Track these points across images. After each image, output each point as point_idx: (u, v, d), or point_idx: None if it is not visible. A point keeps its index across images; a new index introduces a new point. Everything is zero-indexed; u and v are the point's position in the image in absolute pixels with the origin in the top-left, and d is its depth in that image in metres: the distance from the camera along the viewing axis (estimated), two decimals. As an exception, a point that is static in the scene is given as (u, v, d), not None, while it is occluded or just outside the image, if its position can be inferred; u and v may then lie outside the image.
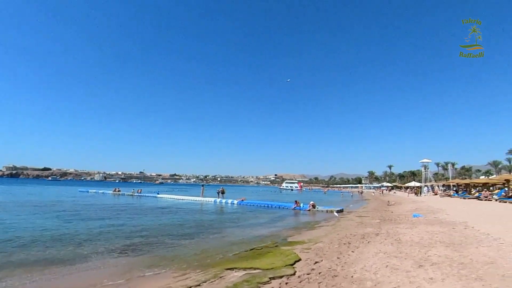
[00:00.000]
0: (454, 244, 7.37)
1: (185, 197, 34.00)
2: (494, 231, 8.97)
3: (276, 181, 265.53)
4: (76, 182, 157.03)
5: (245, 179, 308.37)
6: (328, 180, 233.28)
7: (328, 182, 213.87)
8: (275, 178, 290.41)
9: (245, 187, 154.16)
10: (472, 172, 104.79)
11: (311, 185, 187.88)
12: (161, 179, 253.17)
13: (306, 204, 23.21)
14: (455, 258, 5.88)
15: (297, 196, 46.89)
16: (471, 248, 6.83)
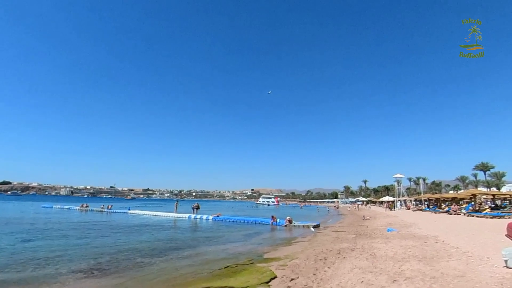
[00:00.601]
0: (426, 258, 7.57)
1: (158, 213, 32.89)
2: (463, 245, 9.34)
3: (253, 195, 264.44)
4: (39, 197, 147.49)
5: (221, 194, 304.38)
6: (305, 194, 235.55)
7: (305, 197, 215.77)
8: (252, 192, 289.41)
9: (221, 202, 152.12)
10: (441, 187, 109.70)
11: (288, 200, 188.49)
12: (133, 194, 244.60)
13: (282, 220, 23.15)
14: (427, 272, 6.02)
15: (274, 211, 46.80)
16: (442, 262, 7.04)
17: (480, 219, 22.82)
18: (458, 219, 22.71)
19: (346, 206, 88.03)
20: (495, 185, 79.21)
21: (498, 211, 25.71)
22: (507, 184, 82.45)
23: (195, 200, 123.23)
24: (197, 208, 30.95)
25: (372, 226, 20.59)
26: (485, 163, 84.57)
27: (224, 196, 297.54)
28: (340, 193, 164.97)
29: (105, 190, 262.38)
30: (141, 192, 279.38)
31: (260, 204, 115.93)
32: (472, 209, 29.06)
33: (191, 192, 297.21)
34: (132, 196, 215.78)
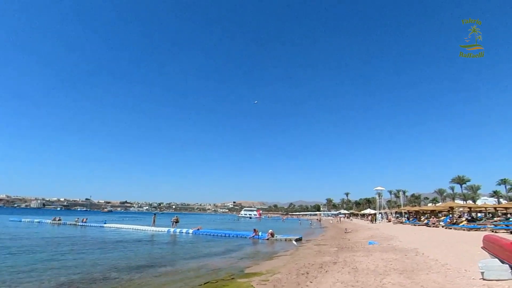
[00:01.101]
0: (406, 271, 7.68)
1: (136, 226, 31.89)
2: (442, 257, 9.56)
3: (235, 208, 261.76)
4: (7, 209, 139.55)
5: (202, 207, 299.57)
6: (288, 207, 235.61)
7: (287, 210, 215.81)
8: (234, 205, 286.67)
9: (202, 215, 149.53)
10: (421, 200, 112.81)
11: (270, 213, 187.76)
12: (110, 207, 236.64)
13: (264, 233, 22.99)
14: (407, 285, 6.09)
15: (256, 224, 46.42)
16: (422, 274, 7.16)
17: (458, 231, 23.51)
18: (437, 232, 23.31)
19: (328, 219, 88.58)
20: (471, 198, 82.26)
21: (474, 223, 26.62)
22: (482, 196, 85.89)
23: (175, 213, 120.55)
24: (176, 221, 30.31)
25: (354, 239, 20.77)
26: (461, 176, 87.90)
27: (205, 209, 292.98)
28: (323, 206, 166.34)
29: (80, 203, 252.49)
30: (118, 205, 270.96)
31: (242, 217, 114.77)
32: (449, 221, 29.92)
33: (171, 204, 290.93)
34: (109, 209, 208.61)
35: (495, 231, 20.66)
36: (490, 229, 22.32)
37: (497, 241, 5.41)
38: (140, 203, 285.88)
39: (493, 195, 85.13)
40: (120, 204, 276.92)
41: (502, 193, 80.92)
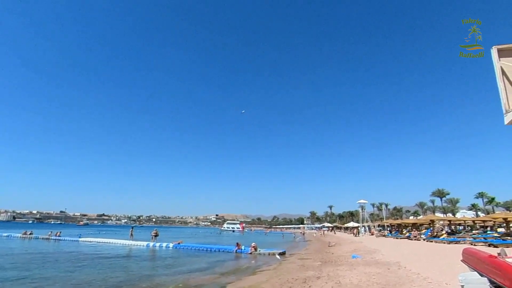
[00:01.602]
0: (389, 285, 7.73)
1: (113, 240, 30.83)
2: (423, 270, 9.71)
3: (217, 221, 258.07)
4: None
5: (183, 220, 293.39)
6: (271, 220, 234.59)
7: (271, 223, 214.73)
8: (216, 218, 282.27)
9: (183, 229, 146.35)
10: (402, 213, 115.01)
11: (253, 226, 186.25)
12: (86, 220, 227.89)
13: (247, 247, 22.72)
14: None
15: (239, 238, 45.91)
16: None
17: (438, 244, 24.07)
18: (418, 245, 23.75)
19: (312, 232, 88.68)
20: (450, 211, 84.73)
21: (454, 236, 27.34)
22: (461, 209, 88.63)
23: (155, 226, 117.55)
24: (156, 235, 29.58)
25: (338, 252, 20.83)
26: (441, 189, 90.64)
27: (187, 222, 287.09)
28: (306, 219, 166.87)
29: (54, 215, 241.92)
30: (95, 218, 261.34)
31: (224, 230, 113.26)
32: (430, 234, 30.61)
33: (151, 217, 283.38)
34: (85, 222, 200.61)
35: (474, 244, 21.26)
36: (469, 242, 22.96)
37: (476, 254, 5.54)
38: (119, 216, 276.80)
39: (472, 208, 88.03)
40: (97, 217, 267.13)
41: (480, 206, 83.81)
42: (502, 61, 3.40)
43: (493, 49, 3.51)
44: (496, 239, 22.85)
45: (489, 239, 22.61)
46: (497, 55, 3.44)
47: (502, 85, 3.33)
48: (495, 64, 3.43)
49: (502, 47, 3.50)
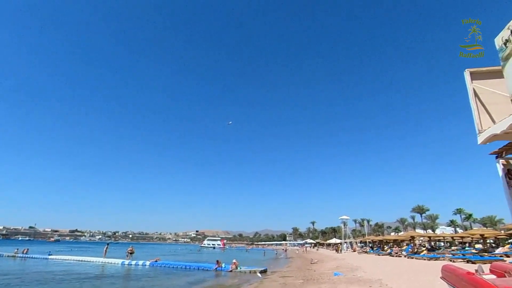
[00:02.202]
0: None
1: (85, 258, 29.49)
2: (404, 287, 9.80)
3: (197, 238, 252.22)
4: None
5: (162, 236, 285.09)
6: (253, 236, 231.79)
7: (252, 239, 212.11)
8: (196, 235, 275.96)
9: (162, 245, 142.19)
10: (384, 229, 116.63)
11: (235, 243, 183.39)
12: (58, 236, 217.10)
13: (228, 264, 22.29)
14: (372, 319, 6.11)
15: (219, 255, 45.09)
16: (386, 307, 7.26)
17: (419, 261, 24.48)
18: (399, 261, 24.04)
19: (294, 249, 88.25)
20: (430, 227, 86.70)
21: (434, 253, 27.91)
22: (440, 225, 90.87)
23: (131, 243, 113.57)
24: (131, 252, 28.51)
25: (320, 270, 20.75)
26: (421, 206, 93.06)
27: (165, 238, 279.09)
28: (289, 235, 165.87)
29: (22, 231, 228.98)
30: (67, 234, 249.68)
31: (204, 247, 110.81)
32: (411, 251, 31.11)
33: (128, 234, 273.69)
34: (56, 238, 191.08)
35: (453, 260, 21.75)
36: (448, 258, 23.49)
37: (455, 271, 5.67)
38: (93, 232, 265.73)
39: (450, 224, 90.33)
40: (69, 232, 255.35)
41: (458, 222, 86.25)
42: (475, 84, 3.60)
43: (466, 72, 3.72)
44: (474, 255, 23.50)
45: (467, 256, 23.22)
46: (469, 77, 3.65)
47: (475, 106, 3.52)
48: (468, 86, 3.63)
49: (474, 70, 3.72)
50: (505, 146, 3.77)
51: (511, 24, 3.03)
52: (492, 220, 77.89)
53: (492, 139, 3.35)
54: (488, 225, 73.19)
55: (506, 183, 3.73)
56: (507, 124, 2.86)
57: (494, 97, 3.55)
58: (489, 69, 3.71)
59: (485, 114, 3.52)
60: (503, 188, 3.74)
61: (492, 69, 3.64)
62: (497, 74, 3.38)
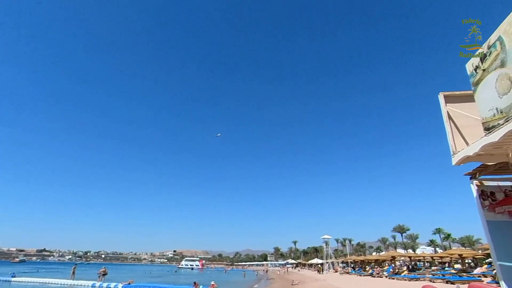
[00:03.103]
0: (351, 327, 7.67)
1: (53, 280, 27.90)
2: (385, 310, 9.79)
3: (175, 258, 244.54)
4: None
5: (137, 256, 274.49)
6: (233, 257, 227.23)
7: (233, 259, 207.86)
8: (174, 255, 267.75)
9: (137, 266, 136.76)
10: (366, 249, 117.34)
11: (214, 263, 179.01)
12: (23, 256, 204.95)
13: (206, 286, 21.67)
14: None
15: (198, 276, 43.88)
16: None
17: (400, 281, 24.68)
18: (381, 282, 24.13)
19: (275, 270, 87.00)
20: (411, 247, 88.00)
21: (414, 273, 28.21)
22: (420, 245, 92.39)
23: (104, 263, 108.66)
24: (104, 273, 27.23)
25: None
26: (401, 225, 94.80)
27: (141, 258, 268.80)
28: (270, 255, 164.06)
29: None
30: (34, 254, 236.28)
31: (182, 268, 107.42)
32: (392, 271, 31.32)
33: (100, 253, 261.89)
34: (22, 259, 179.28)
35: (433, 280, 22.05)
36: (428, 278, 23.80)
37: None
38: (62, 252, 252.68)
39: (430, 244, 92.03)
40: (36, 252, 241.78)
41: (438, 242, 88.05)
42: (448, 107, 3.79)
43: (440, 95, 3.91)
44: (453, 275, 23.93)
45: (447, 276, 23.61)
46: (443, 100, 3.84)
47: (449, 129, 3.69)
48: (442, 109, 3.81)
49: (447, 93, 3.92)
50: (478, 168, 3.93)
51: (480, 52, 3.24)
52: (470, 240, 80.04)
53: (466, 160, 3.49)
54: (466, 245, 75.06)
55: (480, 204, 3.87)
56: (479, 147, 3.00)
57: (467, 120, 3.72)
58: (461, 93, 3.91)
59: (458, 136, 3.69)
60: (478, 209, 3.87)
61: (464, 93, 3.85)
62: (470, 98, 3.57)
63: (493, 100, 2.96)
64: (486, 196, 3.89)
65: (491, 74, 3.01)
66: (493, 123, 2.92)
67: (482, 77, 3.15)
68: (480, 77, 3.19)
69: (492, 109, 2.96)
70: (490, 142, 2.87)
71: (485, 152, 3.16)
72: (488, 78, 3.05)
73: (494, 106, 2.93)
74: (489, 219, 3.65)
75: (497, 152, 3.28)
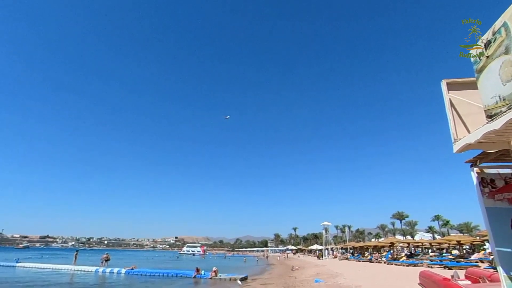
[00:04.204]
0: (350, 310, 7.84)
1: (56, 266, 28.37)
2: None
3: (177, 244, 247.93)
4: None
5: (139, 243, 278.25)
6: (234, 243, 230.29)
7: (233, 246, 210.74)
8: (175, 241, 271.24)
9: (139, 252, 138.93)
10: (365, 235, 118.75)
11: (215, 249, 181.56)
12: (27, 242, 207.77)
13: (208, 271, 22.03)
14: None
15: (199, 262, 44.52)
16: (365, 313, 7.37)
17: (398, 267, 25.07)
18: (379, 268, 24.51)
19: (275, 255, 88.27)
20: (409, 233, 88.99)
21: (412, 259, 28.63)
22: (419, 232, 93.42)
23: (106, 249, 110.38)
24: (107, 259, 27.71)
25: (301, 277, 20.84)
26: (400, 212, 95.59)
27: (143, 245, 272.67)
28: (270, 241, 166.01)
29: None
30: (37, 240, 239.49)
31: (184, 254, 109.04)
32: (391, 257, 31.79)
33: (103, 240, 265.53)
34: (26, 245, 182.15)
35: (431, 266, 22.38)
36: (426, 264, 24.16)
37: (431, 277, 5.86)
38: (65, 238, 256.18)
39: (429, 231, 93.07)
40: (40, 239, 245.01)
41: (436, 229, 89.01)
42: (451, 94, 3.77)
43: (443, 82, 3.88)
44: (450, 261, 24.29)
45: (444, 262, 23.96)
46: (446, 88, 3.81)
47: (451, 116, 3.67)
48: (445, 97, 3.78)
49: (450, 81, 3.89)
50: (479, 155, 3.94)
51: (484, 38, 3.19)
52: (468, 226, 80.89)
53: (467, 148, 3.49)
54: (465, 231, 75.89)
55: (480, 191, 3.88)
56: (481, 134, 2.99)
57: (469, 108, 3.70)
58: (464, 80, 3.88)
59: (460, 123, 3.67)
60: (477, 196, 3.89)
61: (467, 80, 3.81)
62: (472, 85, 3.54)
63: (496, 87, 2.93)
64: (486, 183, 3.91)
65: (495, 61, 2.98)
66: (496, 111, 2.91)
67: (486, 64, 3.12)
68: (483, 64, 3.16)
69: (495, 96, 2.94)
70: (492, 130, 2.86)
71: (487, 139, 3.16)
72: (492, 65, 3.01)
73: (497, 94, 2.91)
74: (488, 206, 3.68)
75: (499, 139, 3.28)
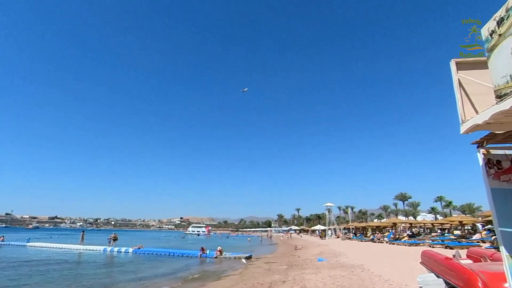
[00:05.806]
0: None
1: (66, 245, 29.18)
2: (385, 273, 10.21)
3: (182, 225, 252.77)
4: None
5: (145, 223, 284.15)
6: (238, 223, 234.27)
7: (237, 226, 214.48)
8: (181, 221, 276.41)
9: (145, 233, 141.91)
10: (367, 216, 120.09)
11: (220, 229, 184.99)
12: (36, 223, 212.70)
13: (213, 251, 22.54)
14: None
15: (204, 242, 45.50)
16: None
17: (400, 246, 25.46)
18: (381, 247, 24.91)
19: (279, 235, 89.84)
20: (412, 214, 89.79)
21: (414, 239, 28.99)
22: (421, 213, 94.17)
23: (114, 230, 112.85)
24: (114, 239, 28.35)
25: (304, 256, 21.28)
26: (403, 193, 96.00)
27: (149, 225, 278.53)
28: (274, 222, 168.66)
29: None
30: (46, 221, 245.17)
31: (189, 234, 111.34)
32: (393, 237, 32.21)
33: (110, 220, 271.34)
34: (35, 225, 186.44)
35: (432, 246, 22.70)
36: (428, 244, 24.50)
37: (433, 256, 5.94)
38: (73, 219, 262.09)
39: (431, 211, 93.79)
40: (48, 219, 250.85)
41: (439, 210, 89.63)
42: (460, 74, 3.67)
43: (452, 62, 3.77)
44: (452, 241, 24.57)
45: (446, 241, 24.25)
46: (455, 67, 3.71)
47: (459, 96, 3.59)
48: (454, 76, 3.69)
49: (459, 60, 3.77)
50: (486, 136, 3.88)
51: (497, 15, 3.08)
52: (471, 207, 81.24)
53: (475, 129, 3.44)
54: (467, 212, 76.35)
55: (485, 172, 3.85)
56: (489, 115, 2.93)
57: (478, 88, 3.62)
58: (474, 60, 3.77)
59: (468, 104, 3.60)
60: (483, 177, 3.87)
61: (477, 60, 3.70)
62: (482, 65, 3.44)
63: (507, 66, 2.84)
64: (492, 165, 3.86)
65: (508, 39, 2.87)
66: (506, 91, 2.83)
67: (498, 42, 3.01)
68: (495, 42, 3.05)
69: (505, 76, 2.86)
70: (501, 110, 2.80)
71: (495, 120, 3.09)
72: (504, 44, 2.91)
73: (508, 73, 2.82)
74: (493, 186, 3.65)
75: (507, 120, 3.21)
